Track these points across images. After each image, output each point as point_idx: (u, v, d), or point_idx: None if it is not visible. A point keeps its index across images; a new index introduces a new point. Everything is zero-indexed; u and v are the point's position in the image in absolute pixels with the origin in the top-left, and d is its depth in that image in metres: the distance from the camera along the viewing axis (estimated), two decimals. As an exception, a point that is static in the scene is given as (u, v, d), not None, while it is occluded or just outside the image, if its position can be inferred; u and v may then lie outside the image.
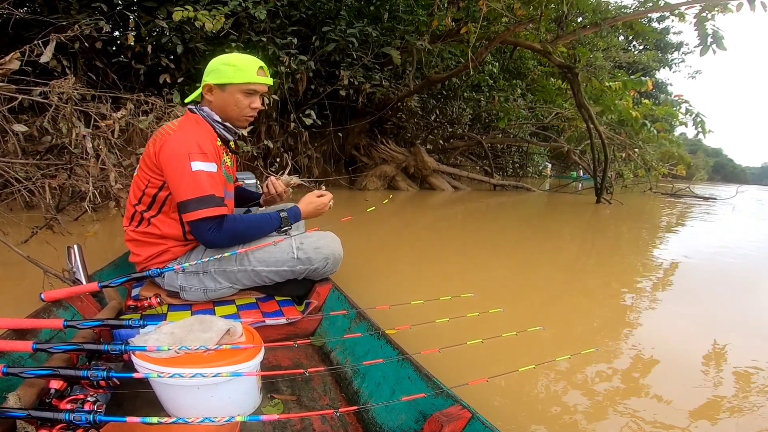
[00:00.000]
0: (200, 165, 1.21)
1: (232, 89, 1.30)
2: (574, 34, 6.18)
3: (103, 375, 0.81)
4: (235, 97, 1.31)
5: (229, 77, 1.28)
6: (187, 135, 1.26)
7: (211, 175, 1.23)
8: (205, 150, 1.24)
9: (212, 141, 1.30)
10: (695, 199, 9.92)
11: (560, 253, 3.45)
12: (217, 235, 1.25)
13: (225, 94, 1.30)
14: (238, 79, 1.29)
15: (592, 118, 6.60)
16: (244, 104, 1.33)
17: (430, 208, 6.04)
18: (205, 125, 1.34)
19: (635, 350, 1.62)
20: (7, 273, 1.98)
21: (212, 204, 1.22)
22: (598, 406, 1.23)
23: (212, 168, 1.24)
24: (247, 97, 1.33)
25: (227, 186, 1.38)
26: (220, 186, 1.27)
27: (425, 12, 6.16)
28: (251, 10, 4.51)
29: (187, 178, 1.20)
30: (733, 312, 2.16)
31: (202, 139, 1.26)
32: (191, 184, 1.21)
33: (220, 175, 1.29)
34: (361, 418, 0.98)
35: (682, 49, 17.61)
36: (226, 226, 1.26)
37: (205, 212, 1.21)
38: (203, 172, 1.21)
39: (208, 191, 1.21)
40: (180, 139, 1.24)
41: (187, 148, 1.22)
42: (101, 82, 4.56)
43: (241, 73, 1.29)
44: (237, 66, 1.29)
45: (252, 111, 1.36)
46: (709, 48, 5.18)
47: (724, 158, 66.15)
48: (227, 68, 1.29)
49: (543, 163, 15.43)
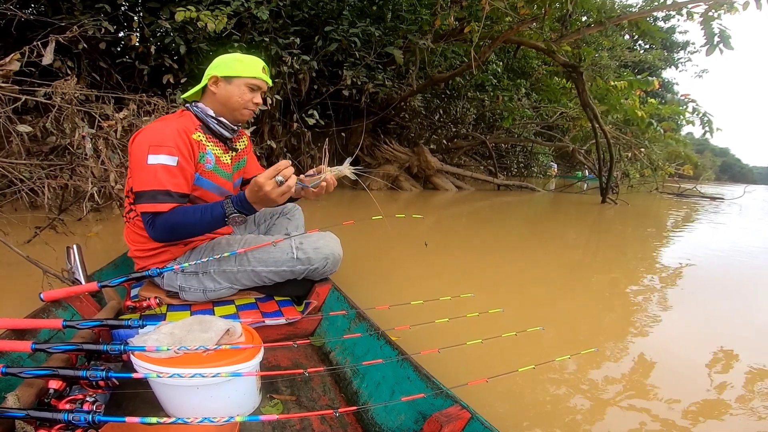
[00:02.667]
0: (158, 158, 1.21)
1: (239, 82, 1.35)
2: (578, 33, 6.16)
3: (102, 375, 0.81)
4: (241, 89, 1.36)
5: (237, 71, 1.34)
6: (154, 128, 1.27)
7: (167, 168, 1.22)
8: (169, 143, 1.23)
9: (186, 133, 1.29)
10: (702, 199, 9.83)
11: (564, 254, 3.43)
12: (151, 230, 1.23)
13: (231, 86, 1.35)
14: (246, 72, 1.35)
15: (597, 117, 6.56)
16: (248, 98, 1.37)
17: (433, 208, 6.03)
18: (189, 119, 1.35)
19: (637, 351, 1.60)
20: (7, 273, 1.99)
21: (153, 200, 1.20)
22: (598, 407, 1.22)
23: (171, 161, 1.23)
24: (251, 92, 1.38)
25: (219, 182, 1.40)
26: (179, 180, 1.25)
27: (428, 11, 6.15)
28: (254, 10, 4.52)
29: (141, 170, 1.22)
30: (739, 313, 2.14)
31: (170, 131, 1.26)
32: (142, 177, 1.22)
33: (184, 167, 1.27)
34: (361, 418, 0.98)
35: (688, 48, 17.49)
36: (158, 221, 1.22)
37: (144, 207, 1.21)
38: (159, 166, 1.21)
39: (153, 186, 1.20)
40: (145, 133, 1.27)
41: (148, 140, 1.23)
42: (105, 82, 4.59)
43: (249, 68, 1.36)
44: (244, 62, 1.36)
45: (254, 106, 1.40)
46: (716, 47, 5.13)
47: (732, 158, 65.68)
48: (235, 63, 1.35)
49: (548, 162, 15.38)
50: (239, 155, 1.53)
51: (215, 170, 1.38)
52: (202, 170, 1.34)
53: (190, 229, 1.26)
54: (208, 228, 1.27)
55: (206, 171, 1.35)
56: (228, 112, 1.38)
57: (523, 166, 13.69)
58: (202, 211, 1.22)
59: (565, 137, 10.64)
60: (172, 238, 1.28)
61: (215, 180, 1.38)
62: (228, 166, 1.45)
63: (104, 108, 2.66)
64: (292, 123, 5.83)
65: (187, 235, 1.32)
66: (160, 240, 1.29)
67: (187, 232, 1.28)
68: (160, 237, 1.25)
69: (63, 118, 2.42)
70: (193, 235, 1.33)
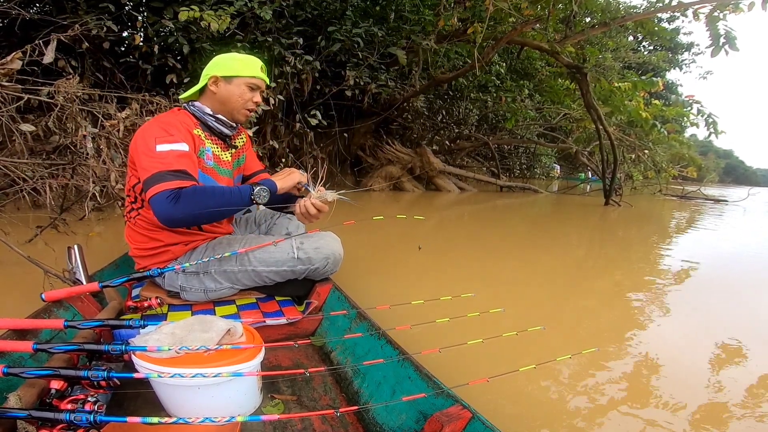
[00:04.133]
0: (168, 146, 1.20)
1: (239, 81, 1.36)
2: (582, 34, 6.13)
3: (104, 375, 0.81)
4: (240, 89, 1.37)
5: (237, 70, 1.35)
6: (156, 123, 1.28)
7: (181, 153, 1.20)
8: (173, 132, 1.23)
9: (186, 127, 1.30)
10: (706, 201, 9.78)
11: (566, 255, 3.42)
12: (173, 206, 1.13)
13: (231, 86, 1.36)
14: (245, 72, 1.36)
15: (601, 118, 6.54)
16: (247, 97, 1.38)
17: (435, 209, 6.02)
18: (186, 116, 1.35)
19: (638, 351, 1.59)
20: (8, 273, 1.99)
21: (174, 177, 1.15)
22: (599, 407, 1.21)
23: (183, 147, 1.22)
24: (251, 91, 1.39)
25: (219, 179, 1.40)
26: (192, 164, 1.24)
27: (431, 12, 6.14)
28: (257, 10, 4.52)
29: (150, 158, 1.19)
30: (742, 316, 2.12)
31: (171, 123, 1.27)
32: (153, 163, 1.17)
33: (193, 156, 1.26)
34: (362, 418, 0.98)
35: (692, 49, 17.42)
36: (183, 195, 1.15)
37: (163, 186, 1.14)
38: (171, 151, 1.19)
39: (170, 167, 1.17)
40: (146, 127, 1.28)
41: (153, 134, 1.22)
42: (109, 82, 4.60)
43: (248, 67, 1.37)
44: (243, 61, 1.37)
45: (253, 105, 1.41)
46: (722, 48, 5.09)
47: (735, 160, 65.32)
48: (234, 62, 1.36)
49: (551, 164, 15.34)
50: (238, 152, 1.55)
51: (215, 167, 1.39)
52: (203, 166, 1.35)
53: (217, 200, 1.19)
54: (232, 202, 1.23)
55: (207, 167, 1.36)
56: (227, 111, 1.39)
57: (525, 167, 13.66)
58: (225, 189, 1.24)
59: (568, 139, 10.61)
60: (195, 213, 1.17)
61: (215, 177, 1.39)
62: (228, 163, 1.46)
63: (107, 107, 2.67)
64: (294, 123, 5.83)
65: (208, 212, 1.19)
66: (177, 218, 1.16)
67: (214, 204, 1.19)
68: (183, 212, 1.14)
69: (65, 117, 2.43)
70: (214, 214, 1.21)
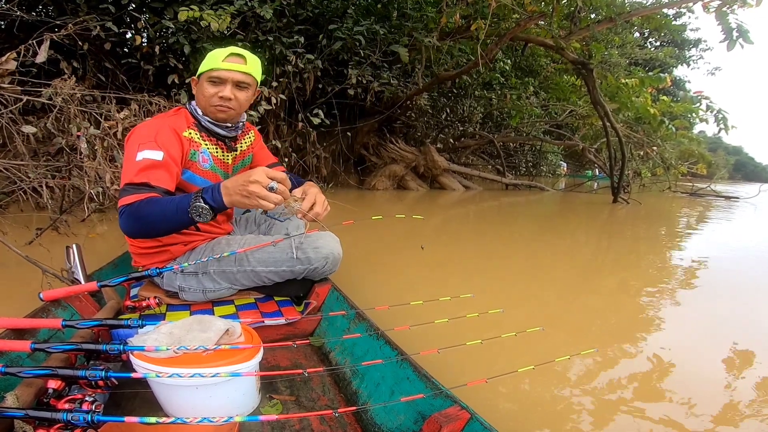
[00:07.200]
0: (144, 153, 1.18)
1: (203, 78, 1.30)
2: (587, 30, 6.07)
3: (102, 375, 0.81)
4: (203, 85, 1.30)
5: (202, 66, 1.30)
6: (144, 125, 1.26)
7: (152, 163, 1.18)
8: (155, 138, 1.21)
9: (175, 130, 1.26)
10: (717, 198, 9.64)
11: (572, 253, 3.39)
12: (122, 220, 1.13)
13: (200, 84, 1.32)
14: (205, 66, 1.29)
15: (608, 115, 6.47)
16: (210, 93, 1.28)
17: (440, 208, 6.00)
18: (183, 116, 1.34)
19: (640, 351, 1.57)
20: (6, 273, 2.00)
21: (134, 191, 1.13)
22: (599, 407, 1.20)
23: (157, 156, 1.19)
24: (214, 86, 1.28)
25: (217, 180, 1.36)
26: (162, 174, 1.18)
27: (434, 9, 6.10)
28: (257, 9, 4.51)
29: (128, 165, 1.19)
30: (752, 315, 2.09)
31: (159, 127, 1.24)
32: (127, 171, 1.18)
33: (169, 163, 1.21)
34: (360, 418, 0.97)
35: (700, 45, 17.17)
36: (127, 210, 1.12)
37: (124, 200, 1.13)
38: (147, 160, 1.17)
39: (138, 179, 1.14)
40: (136, 130, 1.26)
41: (139, 138, 1.21)
42: (111, 83, 4.63)
43: (209, 60, 1.27)
44: (210, 56, 1.29)
45: (219, 101, 1.29)
46: (736, 42, 5.02)
47: (745, 156, 64.45)
48: (205, 59, 1.30)
49: (557, 162, 15.22)
50: (243, 154, 1.52)
51: (213, 169, 1.38)
52: (197, 169, 1.33)
53: (154, 218, 1.10)
54: (172, 218, 1.10)
55: (202, 170, 1.34)
56: (204, 111, 1.34)
57: (531, 165, 13.54)
58: (170, 201, 1.11)
59: (574, 136, 10.53)
60: (136, 227, 1.13)
61: (213, 179, 1.37)
62: (228, 165, 1.44)
63: (107, 108, 2.67)
64: (297, 123, 5.83)
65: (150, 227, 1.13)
66: (126, 230, 1.16)
67: (151, 221, 1.11)
68: (125, 225, 1.13)
69: (65, 118, 2.44)
70: (158, 228, 1.15)
